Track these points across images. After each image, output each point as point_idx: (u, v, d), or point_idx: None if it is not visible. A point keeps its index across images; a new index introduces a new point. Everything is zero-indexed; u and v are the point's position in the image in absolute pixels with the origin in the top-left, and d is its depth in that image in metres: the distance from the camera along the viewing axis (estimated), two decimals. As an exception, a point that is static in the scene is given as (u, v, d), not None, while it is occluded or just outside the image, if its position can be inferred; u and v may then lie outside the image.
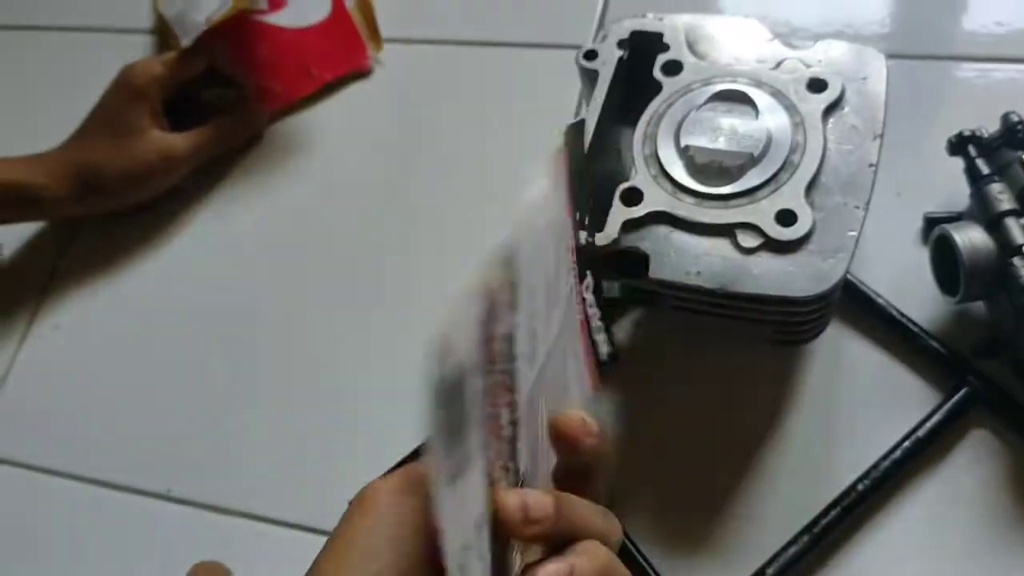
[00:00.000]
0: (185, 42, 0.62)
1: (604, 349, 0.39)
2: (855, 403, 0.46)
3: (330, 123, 0.64)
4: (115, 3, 0.74)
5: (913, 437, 0.44)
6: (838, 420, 0.46)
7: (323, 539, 0.51)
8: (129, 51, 0.68)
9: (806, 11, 0.57)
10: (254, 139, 0.64)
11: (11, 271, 0.64)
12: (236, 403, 0.56)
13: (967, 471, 0.44)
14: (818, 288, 0.39)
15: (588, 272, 0.37)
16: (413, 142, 0.61)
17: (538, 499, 0.28)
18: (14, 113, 0.70)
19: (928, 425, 0.44)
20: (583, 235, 0.38)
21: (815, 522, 0.43)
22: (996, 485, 0.43)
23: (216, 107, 0.64)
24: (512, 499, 0.27)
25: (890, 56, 0.44)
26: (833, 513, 0.43)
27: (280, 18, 0.67)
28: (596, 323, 0.38)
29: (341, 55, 0.65)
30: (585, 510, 0.30)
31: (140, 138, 0.60)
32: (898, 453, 0.43)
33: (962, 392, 0.44)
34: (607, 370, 0.40)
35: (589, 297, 0.38)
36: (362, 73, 0.65)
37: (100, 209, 0.62)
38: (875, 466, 0.43)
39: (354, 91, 0.65)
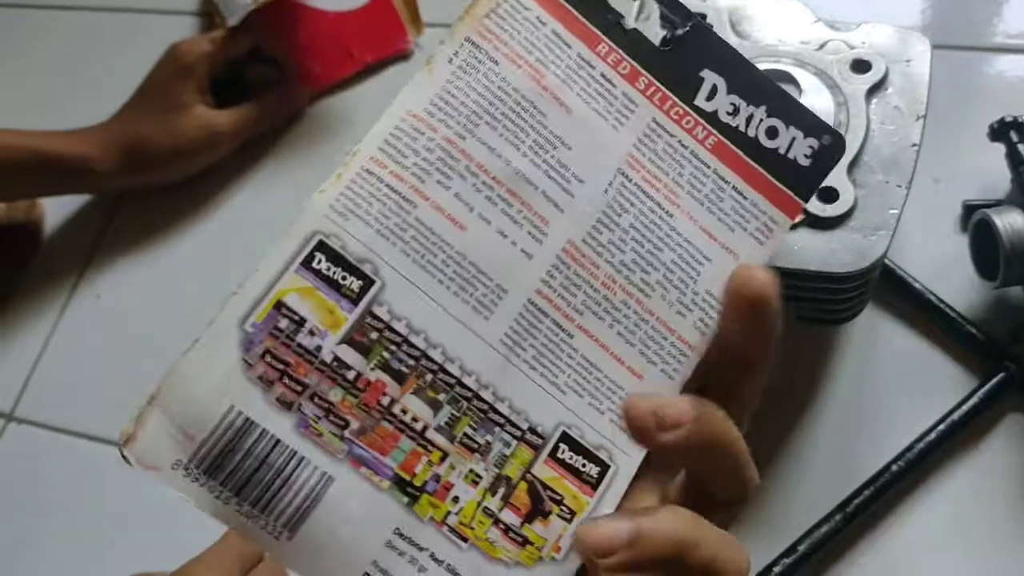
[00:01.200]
0: (232, 22, 0.63)
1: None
2: (890, 386, 0.46)
3: (369, 104, 0.65)
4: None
5: (948, 420, 0.44)
6: (873, 403, 0.46)
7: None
8: (175, 32, 0.69)
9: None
10: (295, 118, 0.66)
11: (56, 242, 0.66)
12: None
13: (1002, 455, 0.44)
14: (859, 264, 0.39)
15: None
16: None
17: (673, 402, 0.23)
18: (63, 89, 0.72)
19: (963, 409, 0.44)
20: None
21: (848, 501, 0.43)
22: (1032, 469, 0.43)
23: (259, 86, 0.65)
24: (642, 402, 0.23)
25: (936, 46, 0.45)
26: (867, 492, 0.43)
27: (323, 2, 0.68)
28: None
29: (382, 38, 0.66)
30: (730, 429, 0.24)
31: (186, 114, 0.61)
32: (933, 436, 0.44)
33: (998, 377, 0.44)
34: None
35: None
36: (402, 56, 0.66)
37: (145, 183, 0.63)
38: (910, 447, 0.44)
39: (394, 74, 0.65)
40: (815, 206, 0.40)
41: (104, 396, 0.59)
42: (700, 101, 0.26)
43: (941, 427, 0.44)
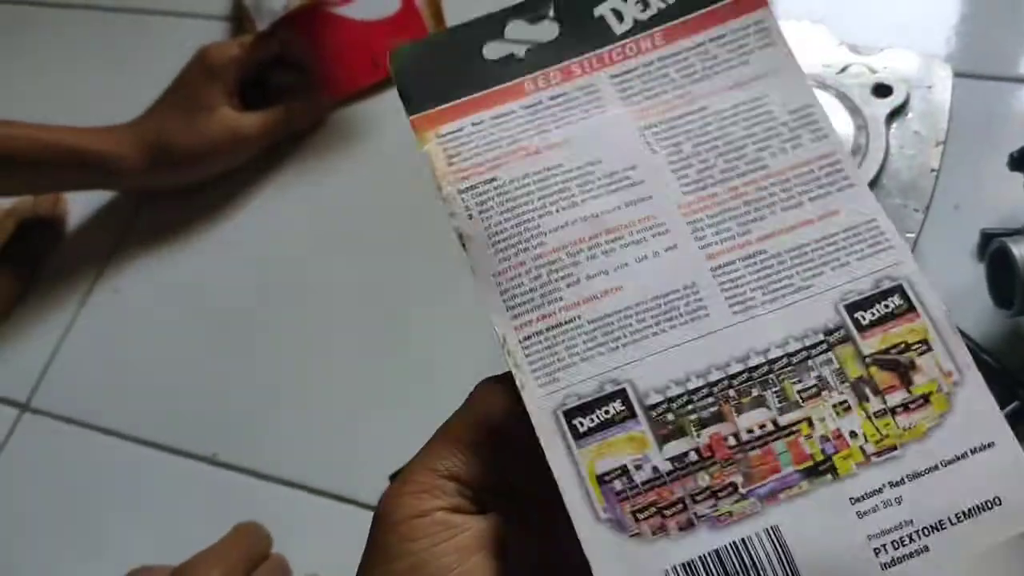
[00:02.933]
0: (261, 27, 0.64)
1: None
2: (901, 411, 0.46)
3: (392, 112, 0.66)
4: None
5: (959, 447, 0.44)
6: (883, 427, 0.46)
7: (364, 512, 0.53)
8: (204, 35, 0.70)
9: (873, 24, 0.57)
10: (318, 124, 0.66)
11: (79, 236, 0.67)
12: (284, 375, 0.57)
13: (1013, 485, 0.43)
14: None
15: None
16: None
17: None
18: (94, 87, 0.73)
19: (975, 437, 0.44)
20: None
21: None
22: (1043, 501, 0.43)
23: (285, 91, 0.66)
24: None
25: (957, 74, 0.45)
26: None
27: (351, 10, 0.69)
28: None
29: (408, 48, 0.67)
30: None
31: (212, 115, 0.62)
32: (943, 462, 0.43)
33: (1012, 406, 0.44)
34: None
35: None
36: (428, 67, 0.67)
37: (169, 181, 0.64)
38: (919, 473, 0.43)
39: (419, 84, 0.66)
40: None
41: (120, 390, 0.59)
42: (619, 29, 0.27)
43: (952, 454, 0.43)
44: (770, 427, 0.24)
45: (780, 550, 0.23)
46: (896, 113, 0.43)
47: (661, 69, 0.27)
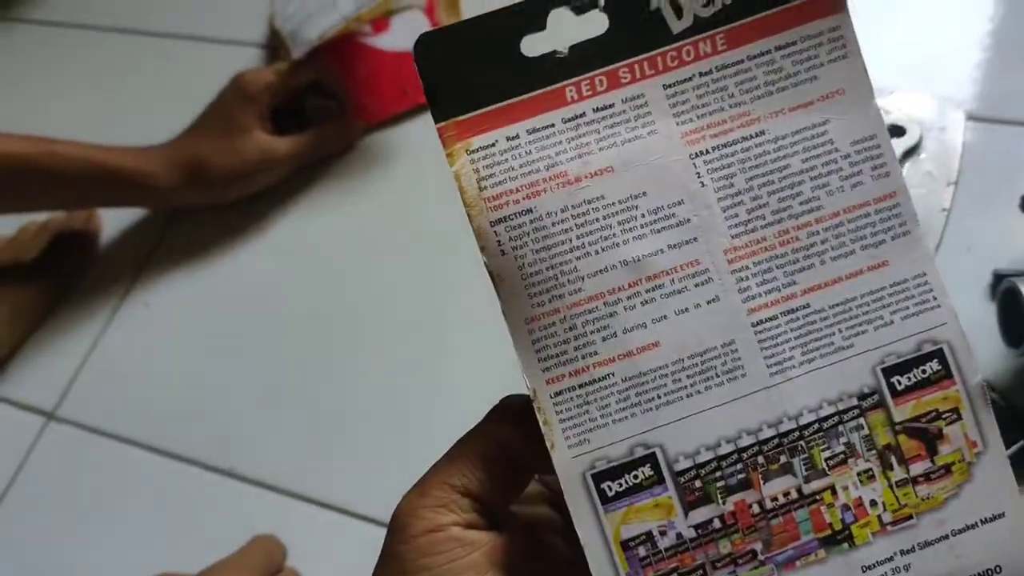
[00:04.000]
0: (296, 55, 0.66)
1: None
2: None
3: (419, 140, 0.68)
4: (230, 18, 0.79)
5: (967, 484, 0.44)
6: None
7: (377, 529, 0.54)
8: (240, 62, 0.73)
9: (889, 67, 0.58)
10: (347, 149, 0.68)
11: (111, 251, 0.69)
12: (304, 392, 0.58)
13: (1021, 523, 0.44)
14: (883, 320, 0.40)
15: None
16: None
17: None
18: (132, 110, 0.76)
19: (984, 474, 0.44)
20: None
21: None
22: (1050, 539, 0.43)
23: (317, 117, 0.68)
24: None
25: (970, 118, 0.46)
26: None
27: (382, 41, 0.71)
28: None
29: (437, 79, 0.69)
30: None
31: (246, 138, 0.64)
32: (951, 497, 0.44)
33: (1019, 444, 0.45)
34: None
35: None
36: (455, 98, 0.68)
37: (202, 200, 0.66)
38: (927, 508, 0.44)
39: (446, 114, 0.68)
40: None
41: (144, 402, 0.61)
42: (676, 27, 0.24)
43: (959, 490, 0.44)
44: (794, 495, 0.24)
45: None
46: (909, 153, 0.44)
47: (720, 81, 0.24)
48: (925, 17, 0.62)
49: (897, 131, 0.44)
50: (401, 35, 0.71)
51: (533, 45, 0.24)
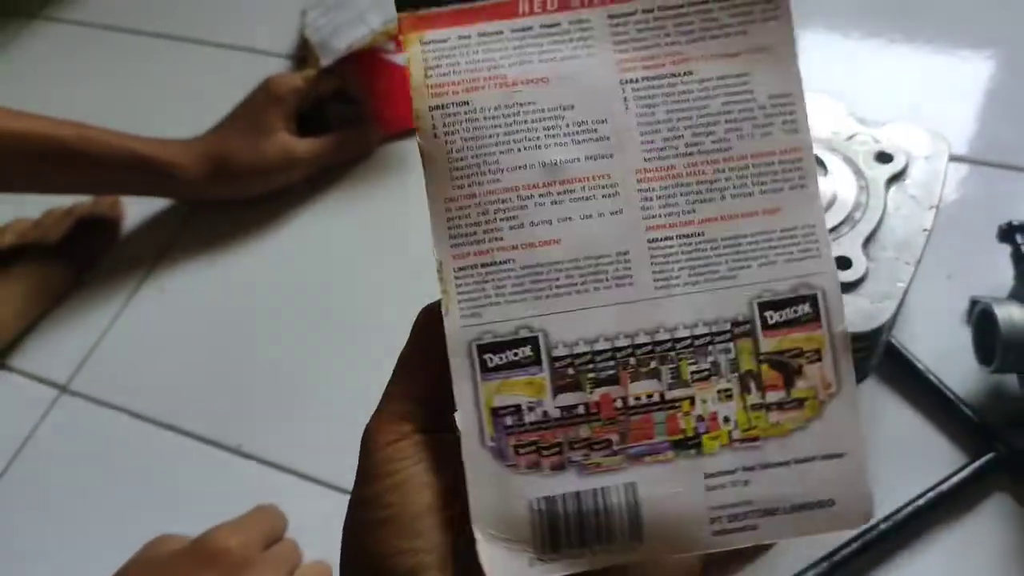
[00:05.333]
0: (324, 64, 0.70)
1: None
2: (886, 453, 0.49)
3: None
4: (262, 30, 0.83)
5: (937, 490, 0.47)
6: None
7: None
8: (269, 71, 0.76)
9: (879, 102, 0.62)
10: (366, 155, 0.72)
11: (133, 237, 0.72)
12: (310, 378, 0.61)
13: (985, 529, 0.46)
14: (865, 326, 0.43)
15: None
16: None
17: None
18: (163, 110, 0.79)
19: (952, 482, 0.47)
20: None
21: (835, 552, 0.46)
22: (1012, 546, 0.46)
23: (339, 123, 0.72)
24: None
25: (956, 159, 0.49)
26: (853, 546, 0.46)
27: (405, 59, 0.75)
28: None
29: (455, 95, 0.73)
30: None
31: (270, 138, 0.67)
32: (921, 502, 0.46)
33: (988, 456, 0.47)
34: None
35: None
36: (471, 113, 0.72)
37: (224, 194, 0.69)
38: (898, 510, 0.46)
39: (461, 127, 0.72)
40: (830, 271, 0.44)
41: (155, 379, 0.63)
42: None
43: (930, 495, 0.46)
44: (656, 398, 0.26)
45: (631, 503, 0.25)
46: (895, 178, 0.47)
47: (660, 20, 0.26)
48: (922, 64, 0.66)
49: (885, 158, 0.48)
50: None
51: None
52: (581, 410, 0.26)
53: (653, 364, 0.26)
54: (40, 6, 0.93)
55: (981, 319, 0.49)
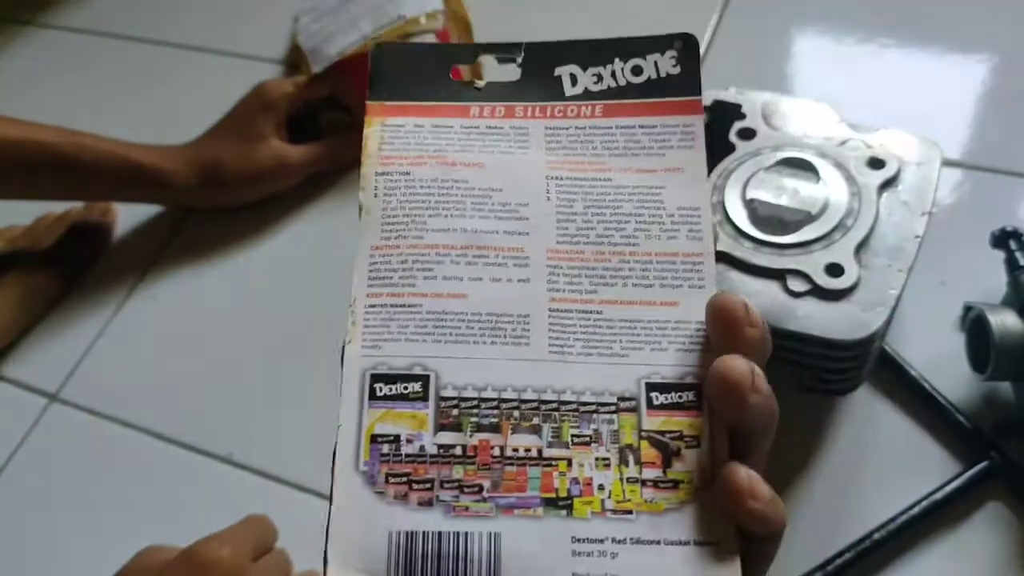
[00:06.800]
0: (315, 70, 0.70)
1: None
2: (879, 462, 0.49)
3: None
4: (254, 35, 0.83)
5: (931, 499, 0.46)
6: (861, 476, 0.49)
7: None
8: (261, 76, 0.76)
9: (878, 109, 0.62)
10: (357, 162, 0.71)
11: (124, 244, 0.71)
12: (300, 387, 0.60)
13: (980, 538, 0.46)
14: (857, 334, 0.43)
15: None
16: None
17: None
18: (154, 116, 0.79)
19: (946, 491, 0.47)
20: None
21: (829, 561, 0.45)
22: (1006, 555, 0.45)
23: (330, 129, 0.72)
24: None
25: (949, 164, 0.49)
26: (848, 555, 0.45)
27: (399, 64, 0.75)
28: None
29: (448, 102, 0.73)
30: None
31: (262, 144, 0.67)
32: (915, 511, 0.46)
33: (982, 464, 0.47)
34: None
35: None
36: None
37: (215, 202, 0.69)
38: (892, 520, 0.46)
39: (454, 134, 0.71)
40: (822, 279, 0.44)
41: (145, 388, 0.63)
42: (569, 91, 0.30)
43: (924, 504, 0.46)
44: (534, 453, 0.26)
45: (493, 554, 0.25)
46: (887, 184, 0.47)
47: (588, 136, 0.30)
48: (914, 69, 0.66)
49: (877, 164, 0.47)
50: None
51: (460, 73, 0.31)
52: (458, 451, 0.26)
53: (536, 420, 0.26)
54: (32, 13, 0.92)
55: (974, 326, 0.48)
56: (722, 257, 0.46)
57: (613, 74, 0.30)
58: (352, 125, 0.72)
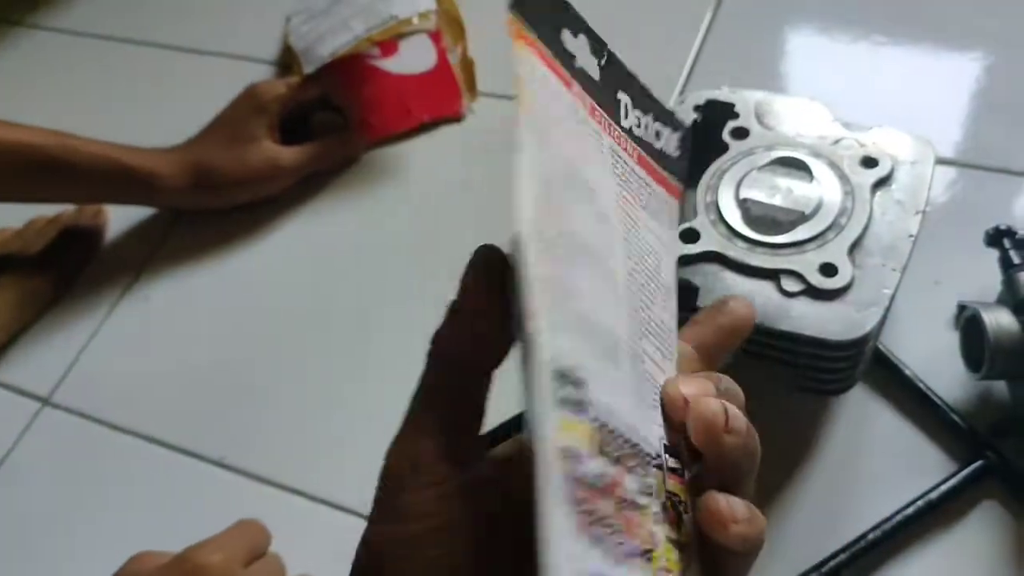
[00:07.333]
0: (307, 71, 0.69)
1: None
2: (874, 462, 0.49)
3: (419, 158, 0.71)
4: (246, 36, 0.83)
5: (926, 499, 0.46)
6: (855, 476, 0.49)
7: (359, 521, 0.55)
8: (253, 77, 0.75)
9: (873, 108, 0.62)
10: (351, 162, 0.71)
11: (116, 247, 0.71)
12: (294, 390, 0.60)
13: (975, 537, 0.46)
14: (850, 334, 0.43)
15: None
16: (494, 184, 0.67)
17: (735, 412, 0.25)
18: (145, 119, 0.78)
19: (941, 490, 0.46)
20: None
21: (824, 562, 0.45)
22: (1001, 554, 0.45)
23: (323, 130, 0.71)
24: (714, 403, 0.25)
25: (943, 162, 0.49)
26: (843, 556, 0.45)
27: (391, 64, 0.74)
28: None
29: (439, 101, 0.72)
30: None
31: (254, 146, 0.67)
32: (910, 510, 0.46)
33: (977, 464, 0.47)
34: None
35: None
36: (455, 118, 0.72)
37: (207, 204, 0.68)
38: (887, 520, 0.46)
39: (445, 133, 0.71)
40: (816, 278, 0.44)
41: (138, 391, 0.63)
42: (623, 120, 0.29)
43: (919, 503, 0.46)
44: (642, 501, 0.24)
45: None
46: (881, 183, 0.47)
47: (628, 176, 0.29)
48: (908, 68, 0.66)
49: (871, 163, 0.47)
50: (407, 60, 0.75)
51: (569, 39, 0.28)
52: (608, 480, 0.22)
53: (633, 463, 0.23)
54: (23, 14, 0.92)
55: (969, 325, 0.48)
56: (715, 257, 0.46)
57: (647, 126, 0.30)
58: (344, 126, 0.71)
